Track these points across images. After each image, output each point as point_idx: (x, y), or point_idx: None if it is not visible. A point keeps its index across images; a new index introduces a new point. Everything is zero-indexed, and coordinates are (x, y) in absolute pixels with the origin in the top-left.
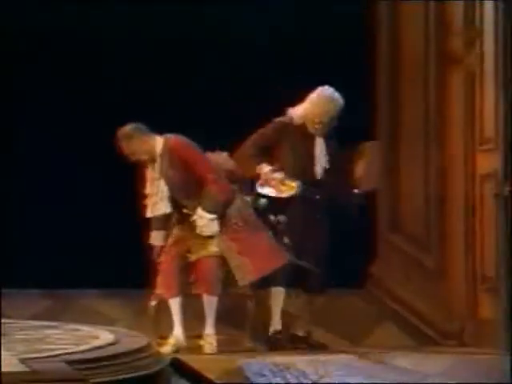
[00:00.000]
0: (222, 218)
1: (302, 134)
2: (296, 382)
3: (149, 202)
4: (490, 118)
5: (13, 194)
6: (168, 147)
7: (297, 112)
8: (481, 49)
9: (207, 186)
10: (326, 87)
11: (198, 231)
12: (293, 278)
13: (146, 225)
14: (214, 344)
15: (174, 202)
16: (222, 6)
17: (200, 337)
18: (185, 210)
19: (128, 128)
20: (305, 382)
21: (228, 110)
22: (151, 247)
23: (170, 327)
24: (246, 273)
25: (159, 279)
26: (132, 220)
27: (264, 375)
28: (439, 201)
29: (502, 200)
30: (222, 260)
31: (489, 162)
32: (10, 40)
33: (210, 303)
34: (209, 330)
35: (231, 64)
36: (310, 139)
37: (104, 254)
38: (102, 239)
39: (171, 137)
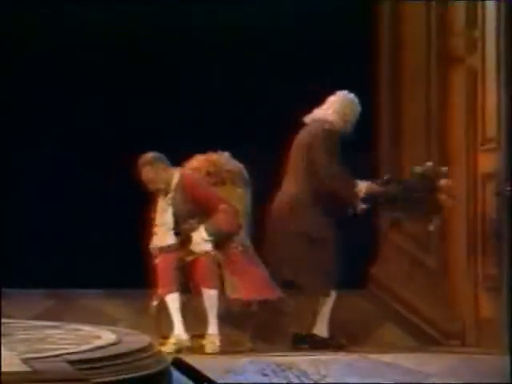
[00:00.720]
0: (224, 242)
1: (338, 138)
2: (298, 382)
3: (157, 231)
4: (491, 117)
5: (15, 193)
6: (183, 183)
7: (330, 114)
8: (483, 49)
9: (217, 213)
10: (345, 91)
11: (191, 246)
12: None
13: (147, 225)
14: (217, 344)
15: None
16: (222, 6)
17: (202, 336)
18: (191, 221)
19: (150, 155)
20: (307, 382)
21: (229, 110)
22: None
23: (172, 327)
24: (237, 289)
25: (156, 278)
26: (134, 219)
27: (266, 375)
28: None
29: (504, 199)
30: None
31: (490, 162)
32: (10, 40)
33: (210, 298)
34: (212, 329)
35: (232, 64)
36: (338, 142)
37: (106, 253)
38: (103, 239)
39: (188, 173)
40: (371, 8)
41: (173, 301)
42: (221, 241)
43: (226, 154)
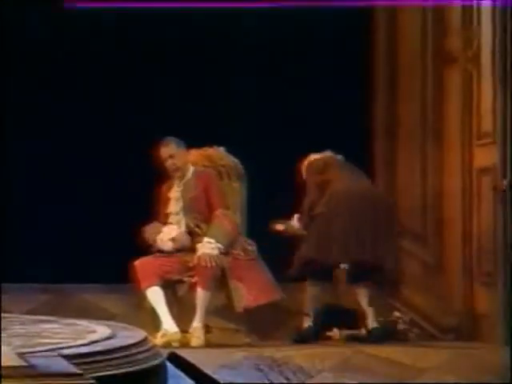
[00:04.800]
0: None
1: None
2: (293, 376)
3: (172, 220)
4: (487, 112)
5: (12, 188)
6: (198, 172)
7: None
8: (478, 45)
9: (216, 218)
10: None
11: (198, 250)
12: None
13: (143, 219)
14: (202, 337)
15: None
16: (219, 6)
17: (187, 331)
18: (192, 224)
19: (173, 137)
20: (302, 376)
21: (226, 106)
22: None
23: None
24: (242, 298)
25: (136, 274)
26: (130, 214)
27: (261, 370)
28: (437, 195)
29: (500, 194)
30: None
31: (486, 156)
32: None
33: (203, 297)
34: (197, 323)
35: (229, 61)
36: None
37: (102, 247)
38: (100, 233)
39: (205, 169)
40: (368, 8)
41: (154, 294)
42: (228, 245)
43: (222, 149)
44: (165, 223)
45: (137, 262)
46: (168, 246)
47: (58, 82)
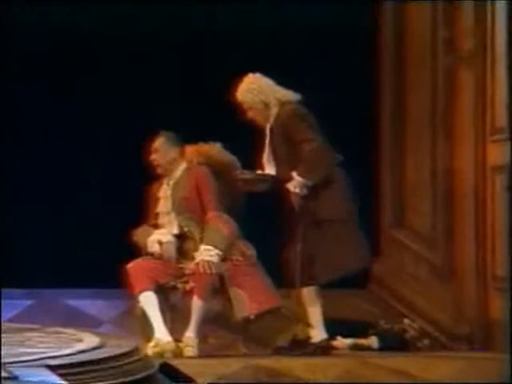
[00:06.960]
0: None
1: None
2: None
3: (162, 220)
4: (501, 106)
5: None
6: (190, 171)
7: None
8: (492, 38)
9: (210, 222)
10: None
11: (196, 256)
12: None
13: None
14: (195, 347)
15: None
16: (221, 4)
17: (180, 340)
18: (186, 229)
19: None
20: None
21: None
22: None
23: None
24: (244, 306)
25: (129, 278)
26: (119, 217)
27: (260, 381)
28: (447, 194)
29: None
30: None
31: (500, 153)
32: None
33: (198, 307)
34: (190, 332)
35: (227, 60)
36: None
37: (89, 251)
38: (87, 237)
39: (197, 166)
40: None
41: (148, 300)
42: (227, 249)
43: (218, 145)
44: (155, 224)
45: (129, 266)
46: (155, 248)
47: (56, 82)
